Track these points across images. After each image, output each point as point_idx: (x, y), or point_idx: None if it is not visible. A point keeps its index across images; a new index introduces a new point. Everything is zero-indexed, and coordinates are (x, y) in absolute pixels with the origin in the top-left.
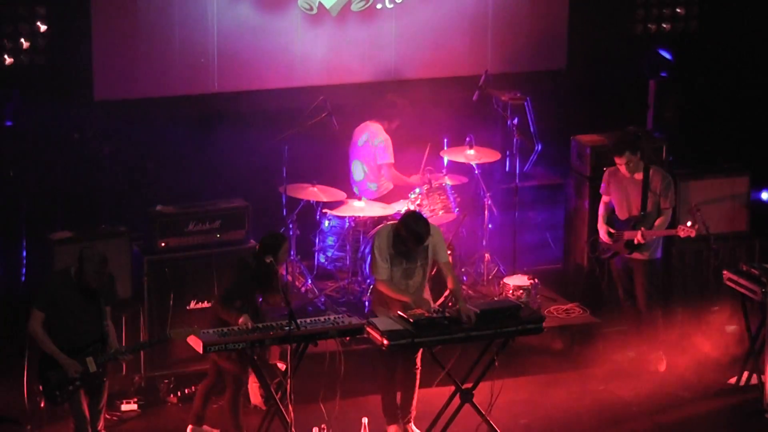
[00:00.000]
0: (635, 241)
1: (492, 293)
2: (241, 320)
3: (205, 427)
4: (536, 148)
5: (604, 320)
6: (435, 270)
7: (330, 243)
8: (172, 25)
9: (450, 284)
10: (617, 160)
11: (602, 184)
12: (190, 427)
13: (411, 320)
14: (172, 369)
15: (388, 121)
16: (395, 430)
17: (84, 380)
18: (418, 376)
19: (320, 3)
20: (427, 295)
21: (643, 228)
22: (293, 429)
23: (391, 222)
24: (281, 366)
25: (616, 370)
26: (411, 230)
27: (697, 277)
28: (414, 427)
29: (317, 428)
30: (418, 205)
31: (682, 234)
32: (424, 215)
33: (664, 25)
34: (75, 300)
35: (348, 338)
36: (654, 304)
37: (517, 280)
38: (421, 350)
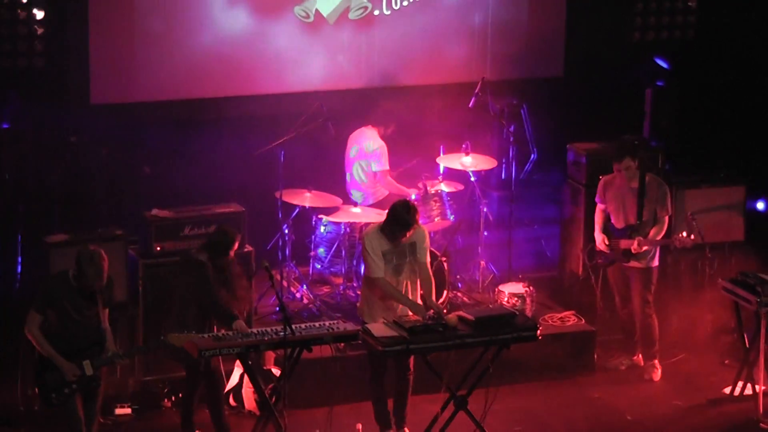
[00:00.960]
0: (632, 250)
1: (487, 300)
2: (235, 325)
3: None
4: (532, 155)
5: (600, 328)
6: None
7: (325, 248)
8: (170, 30)
9: (421, 286)
10: (616, 166)
11: (598, 192)
12: None
13: (406, 326)
14: (167, 373)
15: (383, 127)
16: None
17: (81, 383)
18: (411, 382)
19: (317, 10)
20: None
21: (639, 237)
22: None
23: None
24: (276, 371)
25: (611, 379)
26: (397, 215)
27: (692, 285)
28: None
29: None
30: None
31: (678, 243)
32: (420, 222)
33: (662, 34)
34: (73, 303)
35: (342, 344)
36: (650, 313)
37: (512, 288)
38: (413, 356)
